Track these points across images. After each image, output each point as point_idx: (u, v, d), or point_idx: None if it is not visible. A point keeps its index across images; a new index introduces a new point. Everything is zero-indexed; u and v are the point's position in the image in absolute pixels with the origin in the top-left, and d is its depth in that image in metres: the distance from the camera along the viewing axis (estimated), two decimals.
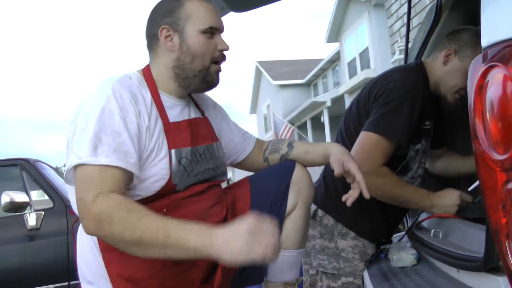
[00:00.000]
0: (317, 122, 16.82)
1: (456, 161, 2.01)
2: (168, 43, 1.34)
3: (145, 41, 1.41)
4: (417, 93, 1.71)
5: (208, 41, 1.34)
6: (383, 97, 1.72)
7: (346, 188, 1.58)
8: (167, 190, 1.28)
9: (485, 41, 0.94)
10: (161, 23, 1.34)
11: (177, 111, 1.37)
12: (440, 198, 1.71)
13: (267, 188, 1.46)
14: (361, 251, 1.85)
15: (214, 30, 1.36)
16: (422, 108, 1.71)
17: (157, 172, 1.26)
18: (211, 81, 1.38)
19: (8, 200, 3.37)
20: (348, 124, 1.89)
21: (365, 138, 1.68)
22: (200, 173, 1.35)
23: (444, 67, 1.79)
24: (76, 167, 1.18)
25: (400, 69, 1.87)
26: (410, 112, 1.67)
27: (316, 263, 1.89)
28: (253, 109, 25.88)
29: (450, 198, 1.69)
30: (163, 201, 1.28)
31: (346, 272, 1.83)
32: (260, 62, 22.77)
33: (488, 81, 0.89)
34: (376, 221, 1.84)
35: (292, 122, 18.23)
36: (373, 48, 13.22)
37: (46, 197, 3.72)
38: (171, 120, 1.32)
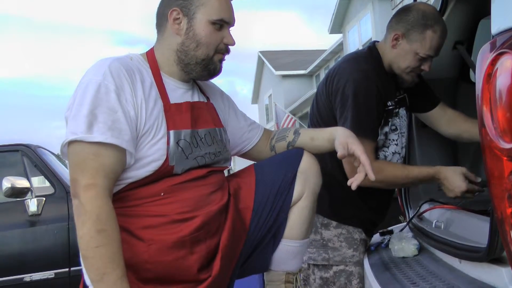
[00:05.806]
0: None
1: (468, 127, 1.87)
2: (175, 25, 1.34)
3: (154, 20, 1.40)
4: (368, 82, 1.73)
5: (215, 32, 1.35)
6: (339, 97, 1.75)
7: (325, 181, 1.57)
8: (165, 172, 1.27)
9: (495, 28, 0.92)
10: (173, 4, 1.34)
11: (179, 93, 1.37)
12: (446, 169, 1.70)
13: (273, 176, 1.43)
14: (347, 238, 1.86)
15: (224, 23, 1.36)
16: (379, 93, 1.73)
17: (154, 152, 1.25)
18: (214, 70, 1.39)
19: (9, 185, 3.35)
20: (312, 119, 1.93)
21: None
22: (200, 156, 1.34)
23: (393, 50, 1.80)
24: (70, 142, 1.19)
25: (350, 58, 1.87)
26: (369, 103, 1.71)
27: (306, 257, 1.90)
28: (255, 99, 25.82)
29: (456, 175, 1.67)
30: (162, 185, 1.27)
31: (336, 261, 1.85)
32: (262, 52, 22.66)
33: (497, 68, 0.87)
34: (358, 206, 1.85)
35: (293, 112, 18.18)
36: (377, 39, 13.17)
37: (47, 183, 3.71)
38: (172, 102, 1.32)
